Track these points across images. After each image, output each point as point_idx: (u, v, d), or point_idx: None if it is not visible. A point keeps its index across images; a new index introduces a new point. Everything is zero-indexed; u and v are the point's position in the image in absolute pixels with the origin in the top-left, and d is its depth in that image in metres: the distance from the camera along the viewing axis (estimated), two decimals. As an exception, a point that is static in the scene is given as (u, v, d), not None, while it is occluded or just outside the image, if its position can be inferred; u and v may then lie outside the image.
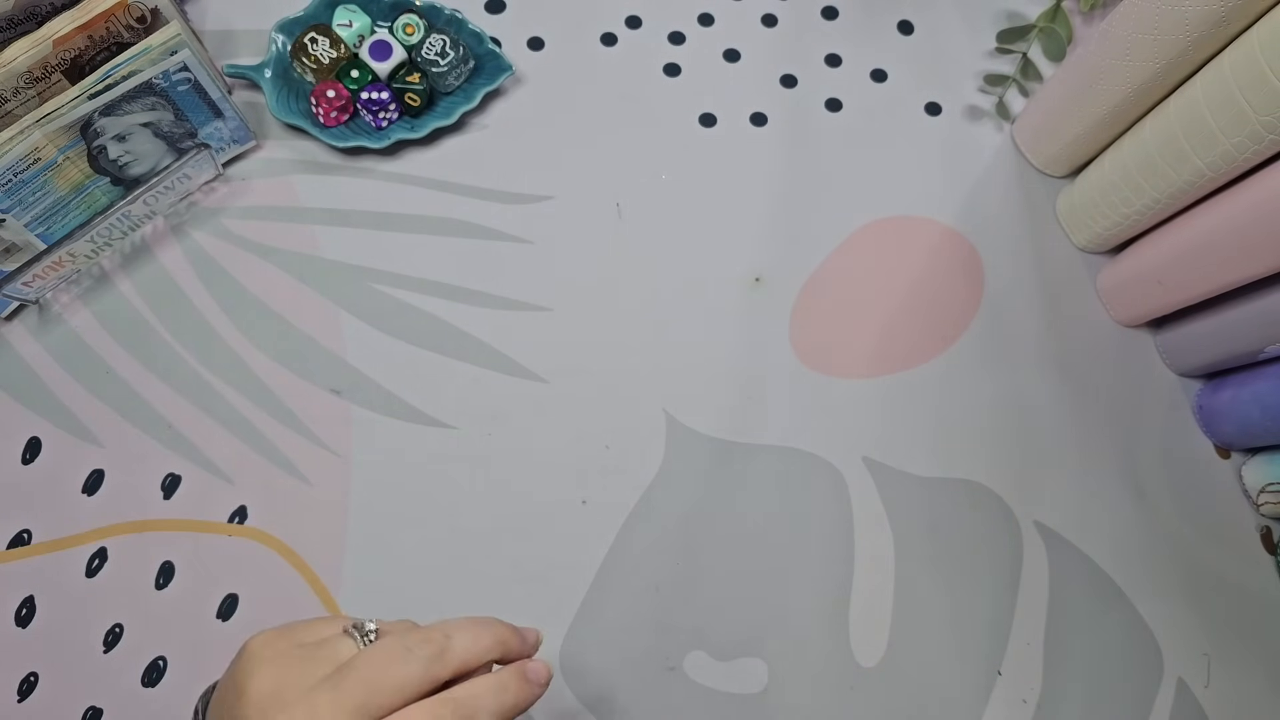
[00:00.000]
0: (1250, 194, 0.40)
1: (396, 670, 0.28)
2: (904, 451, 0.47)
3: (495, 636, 0.31)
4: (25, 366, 0.44)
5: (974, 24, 0.56)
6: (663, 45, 0.54)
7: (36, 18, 0.42)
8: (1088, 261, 0.51)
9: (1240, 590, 0.46)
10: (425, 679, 0.28)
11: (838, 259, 0.50)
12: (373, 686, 0.28)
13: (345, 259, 0.47)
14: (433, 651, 0.29)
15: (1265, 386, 0.44)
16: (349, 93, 0.48)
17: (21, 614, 0.41)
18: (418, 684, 0.28)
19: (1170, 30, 0.40)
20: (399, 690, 0.28)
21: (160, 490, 0.43)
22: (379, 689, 0.28)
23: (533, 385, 0.46)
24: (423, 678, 0.28)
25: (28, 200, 0.42)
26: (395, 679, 0.28)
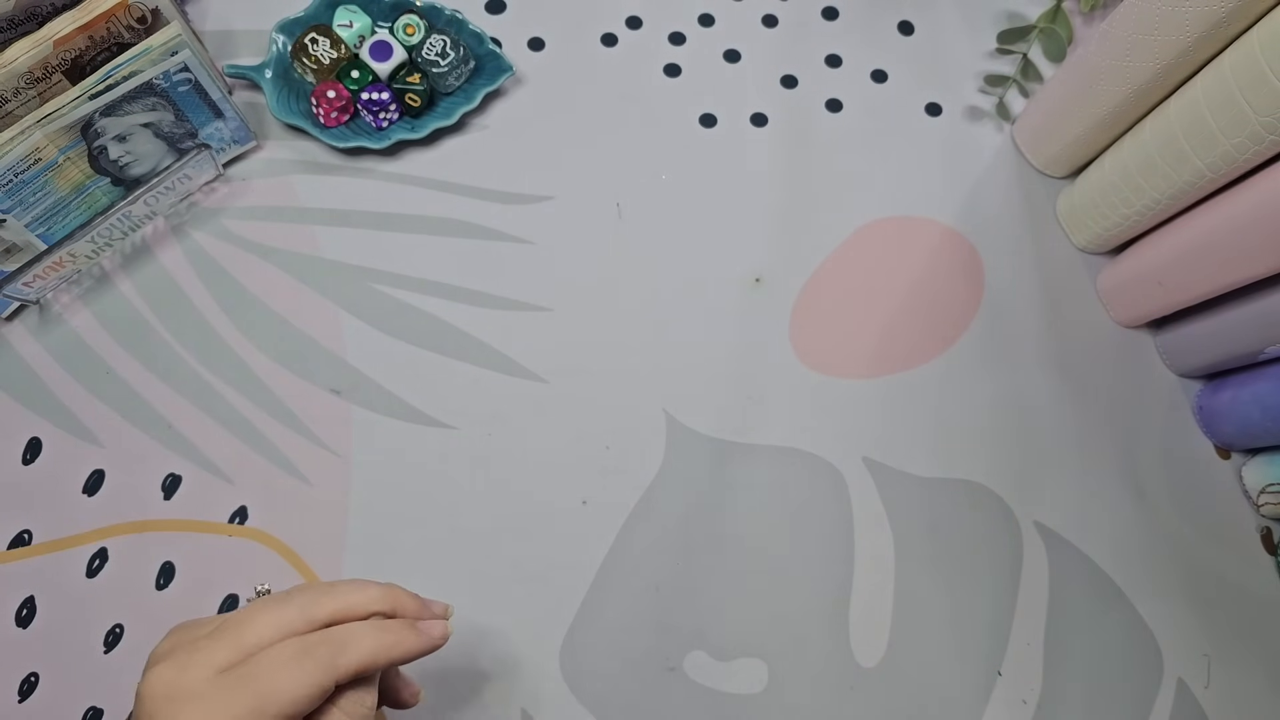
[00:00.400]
0: (1250, 195, 0.40)
1: (271, 612, 0.29)
2: (904, 451, 0.47)
3: (383, 590, 0.31)
4: (26, 367, 0.44)
5: (974, 24, 0.56)
6: (663, 45, 0.54)
7: (37, 18, 0.42)
8: (1088, 262, 0.51)
9: (1240, 590, 0.46)
10: (301, 619, 0.29)
11: (838, 259, 0.50)
12: (244, 627, 0.28)
13: (345, 259, 0.47)
14: (311, 597, 0.30)
15: (1265, 387, 0.44)
16: (349, 93, 0.48)
17: (22, 614, 0.41)
18: (291, 622, 0.29)
19: (1170, 31, 0.40)
20: (274, 627, 0.28)
21: (160, 490, 0.43)
22: (251, 627, 0.28)
23: (533, 385, 0.46)
24: (297, 617, 0.29)
25: (28, 200, 0.42)
26: (269, 618, 0.29)
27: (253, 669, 0.28)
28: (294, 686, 0.27)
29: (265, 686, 0.27)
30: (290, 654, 0.28)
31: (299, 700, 0.27)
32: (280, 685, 0.27)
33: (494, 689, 0.41)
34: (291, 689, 0.27)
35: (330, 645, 0.29)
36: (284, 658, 0.28)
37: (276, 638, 0.28)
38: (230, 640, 0.28)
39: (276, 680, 0.27)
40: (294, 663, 0.28)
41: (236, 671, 0.28)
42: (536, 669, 0.41)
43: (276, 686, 0.27)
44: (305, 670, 0.28)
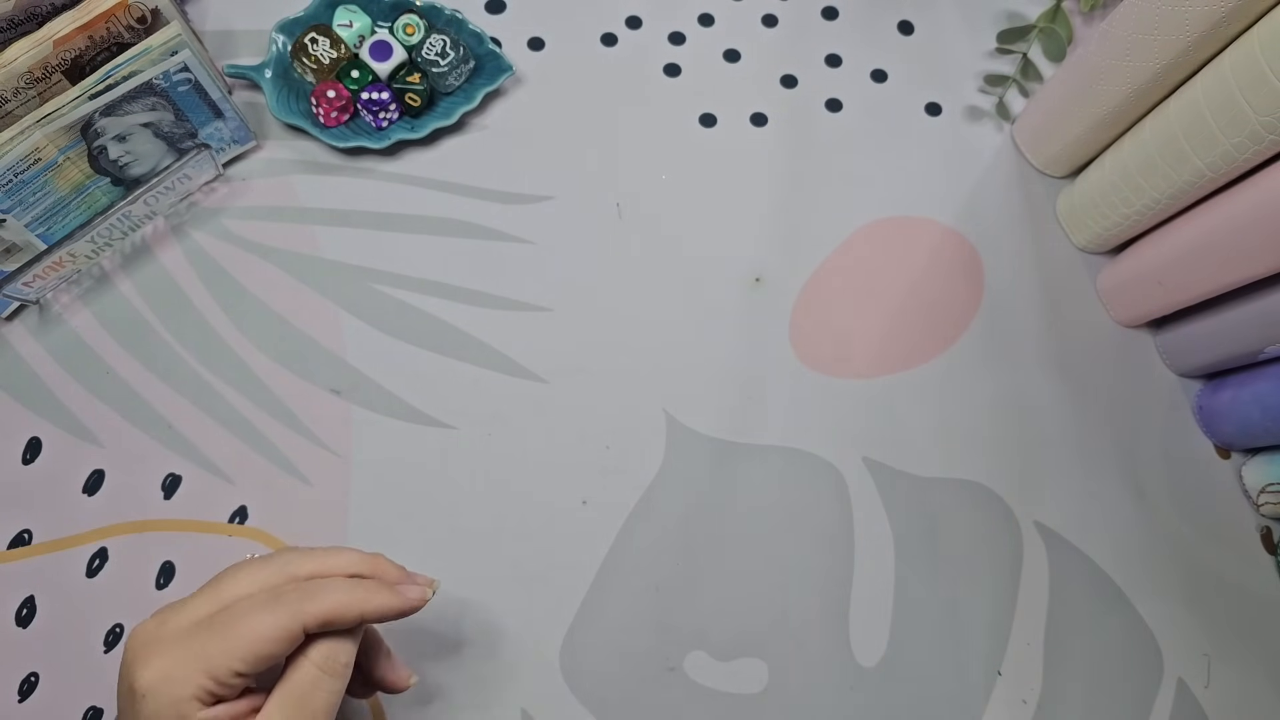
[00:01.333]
0: (1250, 194, 0.40)
1: (250, 569, 0.31)
2: (904, 451, 0.47)
3: (363, 555, 0.33)
4: (25, 366, 0.44)
5: (974, 24, 0.56)
6: (663, 45, 0.54)
7: (37, 18, 0.42)
8: (1088, 262, 0.51)
9: (1240, 590, 0.46)
10: (278, 575, 0.31)
11: (838, 259, 0.50)
12: (223, 582, 0.31)
13: (345, 259, 0.47)
14: (290, 557, 0.32)
15: (1265, 387, 0.44)
16: (349, 93, 0.48)
17: (22, 614, 0.41)
18: (268, 578, 0.31)
19: (1170, 31, 0.40)
20: (251, 582, 0.30)
21: (161, 490, 0.43)
22: (229, 582, 0.30)
23: (533, 385, 0.46)
24: (275, 574, 0.31)
25: (28, 200, 0.42)
26: (247, 574, 0.31)
27: (225, 615, 0.29)
28: (260, 627, 0.29)
29: (234, 629, 0.29)
30: (261, 600, 0.29)
31: (265, 639, 0.29)
32: (248, 626, 0.29)
33: (494, 689, 0.41)
34: (258, 629, 0.29)
35: (299, 592, 0.30)
36: (255, 604, 0.29)
37: (253, 591, 0.30)
38: (209, 594, 0.30)
39: (245, 622, 0.29)
40: (263, 607, 0.29)
41: (211, 619, 0.29)
42: (536, 669, 0.41)
43: (246, 626, 0.29)
44: (272, 612, 0.29)
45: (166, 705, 0.28)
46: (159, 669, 0.28)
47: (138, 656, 0.29)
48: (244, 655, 0.28)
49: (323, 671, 0.30)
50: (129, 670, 0.29)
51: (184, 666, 0.28)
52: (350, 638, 0.31)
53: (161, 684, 0.28)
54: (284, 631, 0.29)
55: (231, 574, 0.31)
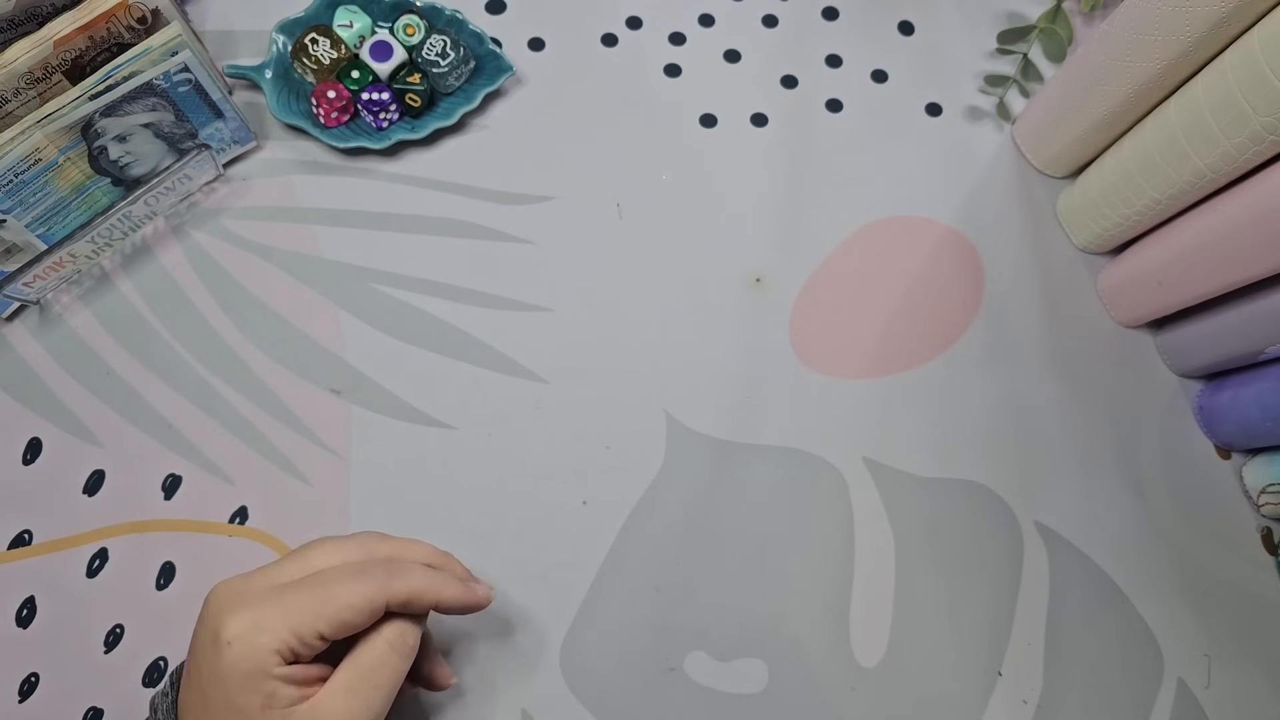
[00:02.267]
0: (1251, 194, 0.40)
1: (333, 544, 0.32)
2: (904, 451, 0.47)
3: (436, 549, 0.35)
4: (26, 367, 0.44)
5: (974, 24, 0.56)
6: (663, 45, 0.54)
7: (37, 18, 0.42)
8: (1088, 262, 0.51)
9: (1240, 590, 0.46)
10: (359, 552, 0.32)
11: (838, 259, 0.50)
12: (309, 552, 0.32)
13: (346, 259, 0.47)
14: (369, 537, 0.33)
15: (1266, 387, 0.44)
16: (349, 93, 0.48)
17: (22, 614, 0.41)
18: (351, 554, 0.32)
19: (1171, 31, 0.40)
20: (335, 555, 0.32)
21: (161, 490, 0.43)
22: (315, 552, 0.32)
23: (533, 385, 0.46)
24: (357, 550, 0.32)
25: (29, 201, 0.42)
26: (331, 547, 0.32)
27: (314, 579, 0.30)
28: (348, 595, 0.30)
29: (324, 592, 0.30)
30: (349, 570, 0.31)
31: (353, 607, 0.30)
32: (338, 591, 0.30)
33: (494, 689, 0.41)
34: (345, 596, 0.30)
35: (385, 569, 0.31)
36: (343, 573, 0.31)
37: (338, 564, 0.32)
38: (296, 560, 0.32)
39: (334, 588, 0.30)
40: (351, 577, 0.30)
41: (299, 582, 0.31)
42: (536, 669, 0.41)
43: (334, 591, 0.30)
44: (361, 583, 0.30)
45: (248, 654, 0.29)
46: (248, 619, 0.29)
47: (225, 606, 0.30)
48: (330, 619, 0.29)
49: (392, 650, 0.31)
50: (215, 618, 0.30)
51: (272, 620, 0.29)
52: (419, 623, 0.33)
53: (249, 633, 0.29)
54: (370, 603, 0.30)
55: (316, 546, 0.32)
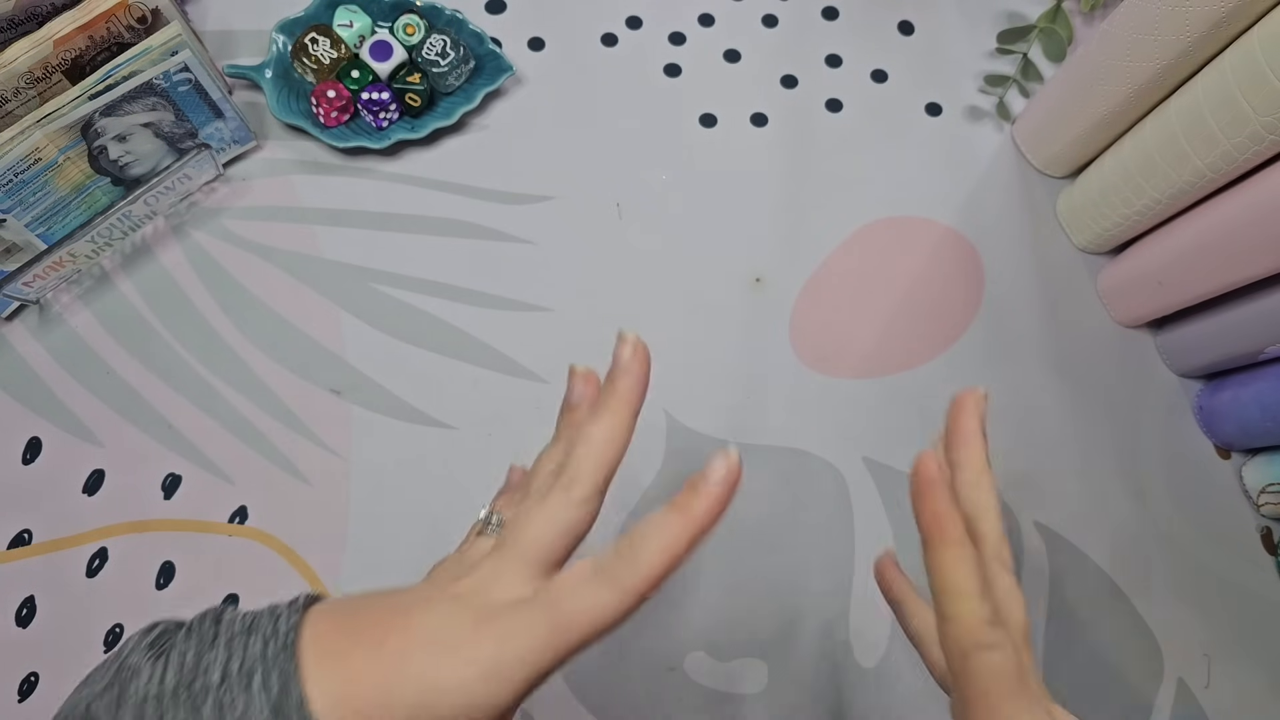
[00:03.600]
0: (1251, 194, 0.40)
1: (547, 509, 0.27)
2: (904, 451, 0.47)
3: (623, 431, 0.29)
4: (26, 366, 0.44)
5: (974, 24, 0.56)
6: (663, 45, 0.54)
7: (37, 18, 0.42)
8: (1088, 262, 0.51)
9: (1240, 590, 0.46)
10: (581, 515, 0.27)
11: (838, 259, 0.50)
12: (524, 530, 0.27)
13: (345, 259, 0.47)
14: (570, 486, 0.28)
15: (1266, 387, 0.44)
16: (349, 93, 0.48)
17: (22, 614, 0.41)
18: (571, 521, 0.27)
19: (1171, 31, 0.40)
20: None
21: (160, 490, 0.43)
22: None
23: (533, 385, 0.46)
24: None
25: (29, 200, 0.42)
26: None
27: (550, 594, 0.25)
28: (596, 613, 0.24)
29: (565, 621, 0.24)
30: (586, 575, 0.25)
31: (604, 624, 0.24)
32: (584, 608, 0.25)
33: (494, 689, 0.41)
34: (595, 616, 0.24)
35: (625, 561, 0.25)
36: (581, 580, 0.25)
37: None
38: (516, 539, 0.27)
39: (577, 602, 0.25)
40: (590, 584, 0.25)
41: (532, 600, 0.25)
42: (536, 669, 0.41)
43: (577, 618, 0.24)
44: (603, 590, 0.25)
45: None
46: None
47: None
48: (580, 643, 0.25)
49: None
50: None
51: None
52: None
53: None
54: (622, 614, 0.25)
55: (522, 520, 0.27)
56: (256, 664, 0.24)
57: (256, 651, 0.24)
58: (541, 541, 0.26)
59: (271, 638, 0.24)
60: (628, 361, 0.30)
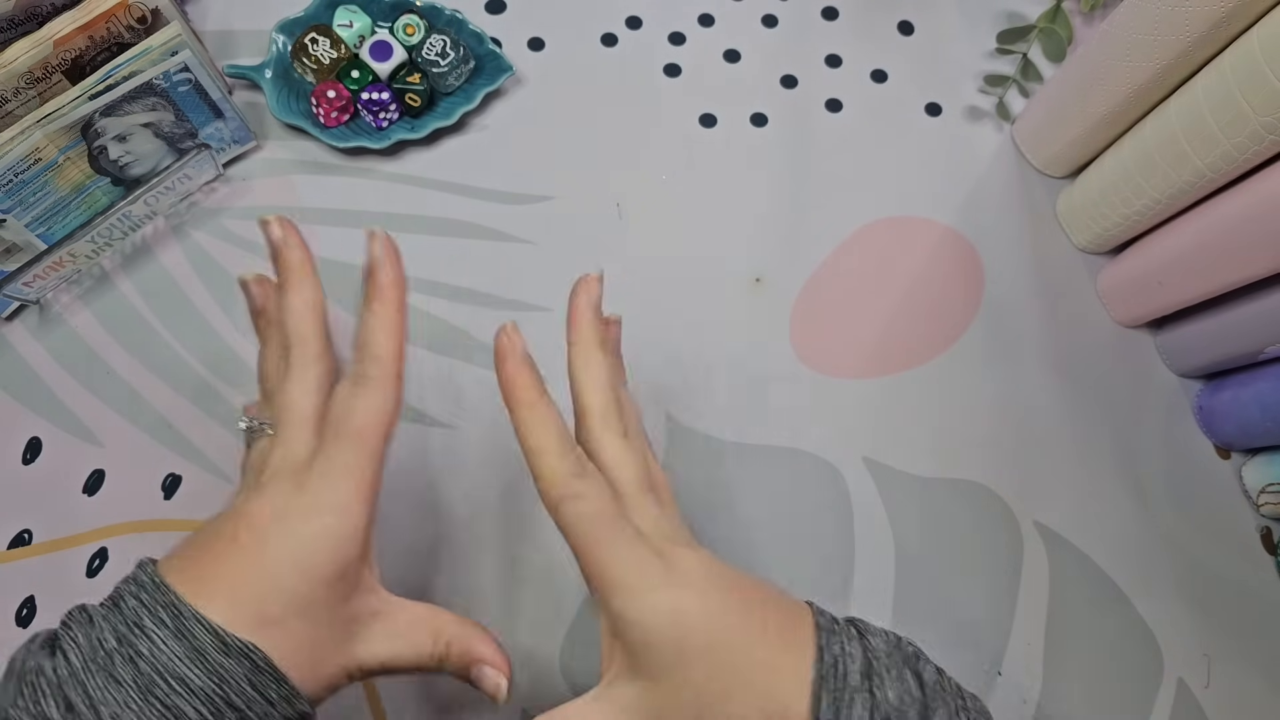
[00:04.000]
0: (1251, 194, 0.40)
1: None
2: (904, 451, 0.47)
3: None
4: (26, 366, 0.44)
5: (974, 24, 0.56)
6: (663, 45, 0.54)
7: (37, 18, 0.42)
8: (1088, 262, 0.51)
9: (1240, 590, 0.46)
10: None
11: (838, 259, 0.50)
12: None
13: (346, 259, 0.47)
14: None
15: (1266, 387, 0.44)
16: (349, 93, 0.48)
17: (22, 614, 0.41)
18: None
19: (1170, 31, 0.40)
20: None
21: (161, 490, 0.43)
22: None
23: (533, 385, 0.46)
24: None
25: (28, 200, 0.42)
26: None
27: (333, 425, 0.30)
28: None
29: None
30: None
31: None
32: (363, 413, 0.30)
33: (494, 689, 0.41)
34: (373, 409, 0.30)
35: (367, 361, 0.31)
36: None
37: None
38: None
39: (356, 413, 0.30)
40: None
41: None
42: (537, 669, 0.41)
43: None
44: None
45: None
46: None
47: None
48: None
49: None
50: None
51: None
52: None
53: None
54: (395, 400, 0.31)
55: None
56: (141, 614, 0.25)
57: (132, 606, 0.26)
58: (304, 404, 0.30)
59: (139, 590, 0.26)
60: (379, 256, 0.32)
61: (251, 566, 0.27)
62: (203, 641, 0.25)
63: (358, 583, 0.29)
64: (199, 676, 0.25)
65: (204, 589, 0.26)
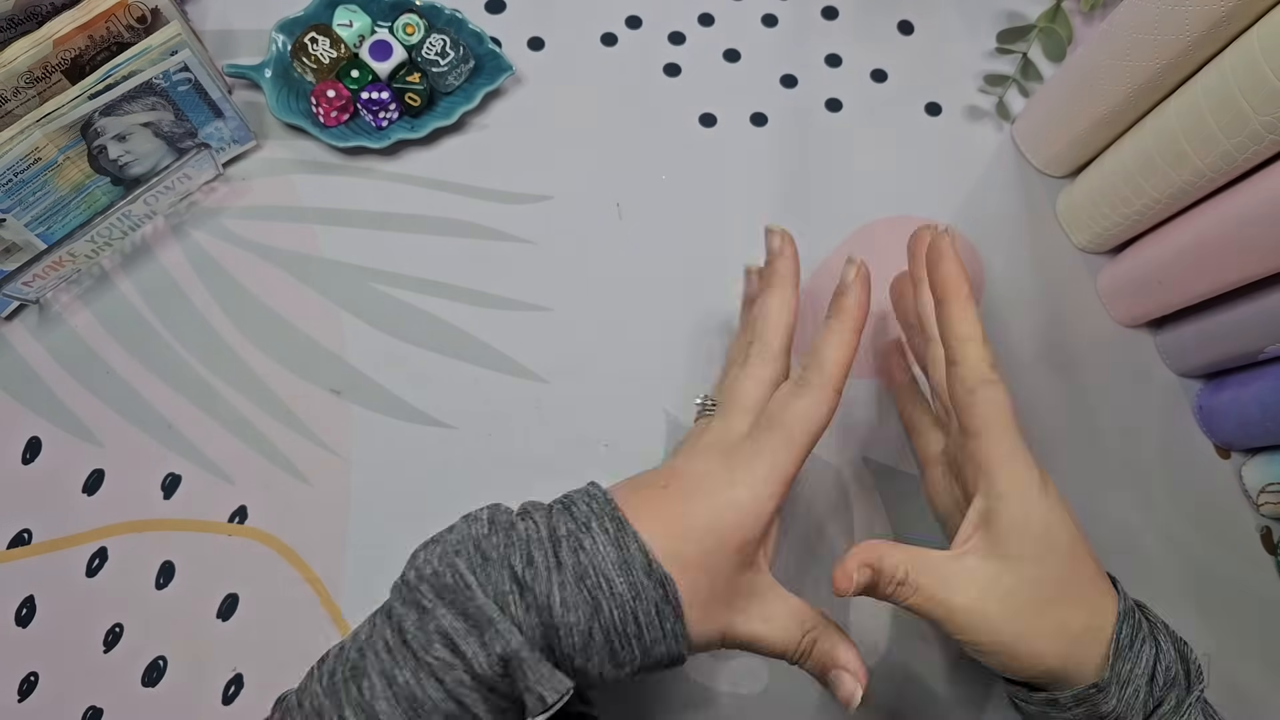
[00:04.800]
0: (1250, 194, 0.40)
1: (749, 377, 0.36)
2: (904, 451, 0.47)
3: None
4: (25, 366, 0.44)
5: (974, 24, 0.56)
6: (663, 45, 0.54)
7: (37, 17, 0.42)
8: (1088, 262, 0.51)
9: (1240, 590, 0.46)
10: (773, 369, 0.36)
11: (838, 259, 0.50)
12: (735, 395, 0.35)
13: (345, 259, 0.47)
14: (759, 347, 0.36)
15: (1266, 386, 0.44)
16: (349, 92, 0.48)
17: (22, 614, 0.41)
18: (772, 376, 0.36)
19: (1170, 30, 0.40)
20: (760, 383, 0.35)
21: (160, 490, 0.43)
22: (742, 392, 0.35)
23: (533, 385, 0.46)
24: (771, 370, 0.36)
25: (28, 200, 0.42)
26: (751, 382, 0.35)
27: (768, 417, 0.33)
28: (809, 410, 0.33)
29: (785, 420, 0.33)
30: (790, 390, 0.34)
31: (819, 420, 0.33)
32: (797, 413, 0.33)
33: (494, 689, 0.41)
34: (807, 412, 0.33)
35: (813, 368, 0.34)
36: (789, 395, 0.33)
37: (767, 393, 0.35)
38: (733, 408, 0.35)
39: (791, 411, 0.33)
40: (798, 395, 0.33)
41: (758, 425, 0.33)
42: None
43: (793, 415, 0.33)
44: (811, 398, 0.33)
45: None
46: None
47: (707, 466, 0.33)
48: (804, 438, 0.34)
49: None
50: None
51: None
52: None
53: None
54: (829, 408, 0.34)
55: (737, 388, 0.36)
56: (590, 519, 0.31)
57: (585, 510, 0.31)
58: (751, 394, 0.35)
59: (592, 501, 0.31)
60: (779, 247, 0.39)
61: (675, 513, 0.31)
62: (634, 557, 0.29)
63: (753, 559, 0.32)
64: (622, 583, 0.29)
65: (638, 514, 0.31)
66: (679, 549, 0.30)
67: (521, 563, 0.29)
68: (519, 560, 0.29)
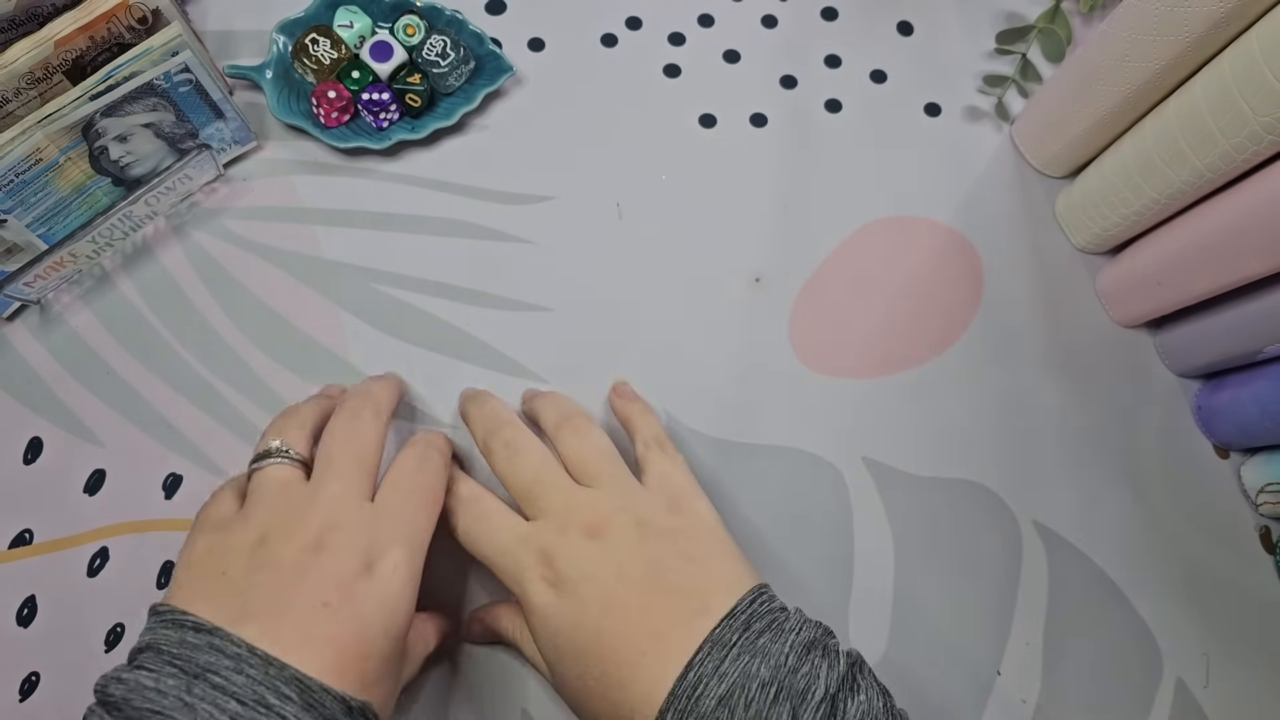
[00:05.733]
0: (1250, 194, 0.40)
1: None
2: (904, 451, 0.47)
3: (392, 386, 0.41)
4: (26, 366, 0.44)
5: (974, 25, 0.56)
6: (663, 46, 0.54)
7: (38, 18, 0.42)
8: (1087, 262, 0.51)
9: (1240, 590, 0.46)
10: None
11: (838, 259, 0.50)
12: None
13: (346, 259, 0.47)
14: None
15: (1265, 386, 0.44)
16: (350, 93, 0.48)
17: (23, 614, 0.41)
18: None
19: (1169, 31, 0.40)
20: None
21: (161, 490, 0.43)
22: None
23: (533, 385, 0.46)
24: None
25: (29, 201, 0.42)
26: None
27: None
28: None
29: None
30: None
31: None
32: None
33: (494, 689, 0.41)
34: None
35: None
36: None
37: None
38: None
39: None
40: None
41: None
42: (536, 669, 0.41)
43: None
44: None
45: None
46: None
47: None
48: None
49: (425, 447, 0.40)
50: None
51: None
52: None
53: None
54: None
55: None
56: (261, 690, 0.28)
57: (242, 683, 0.28)
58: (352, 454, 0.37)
59: (242, 664, 0.28)
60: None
61: (351, 630, 0.30)
62: (332, 711, 0.28)
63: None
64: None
65: (309, 654, 0.29)
66: (363, 669, 0.31)
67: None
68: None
